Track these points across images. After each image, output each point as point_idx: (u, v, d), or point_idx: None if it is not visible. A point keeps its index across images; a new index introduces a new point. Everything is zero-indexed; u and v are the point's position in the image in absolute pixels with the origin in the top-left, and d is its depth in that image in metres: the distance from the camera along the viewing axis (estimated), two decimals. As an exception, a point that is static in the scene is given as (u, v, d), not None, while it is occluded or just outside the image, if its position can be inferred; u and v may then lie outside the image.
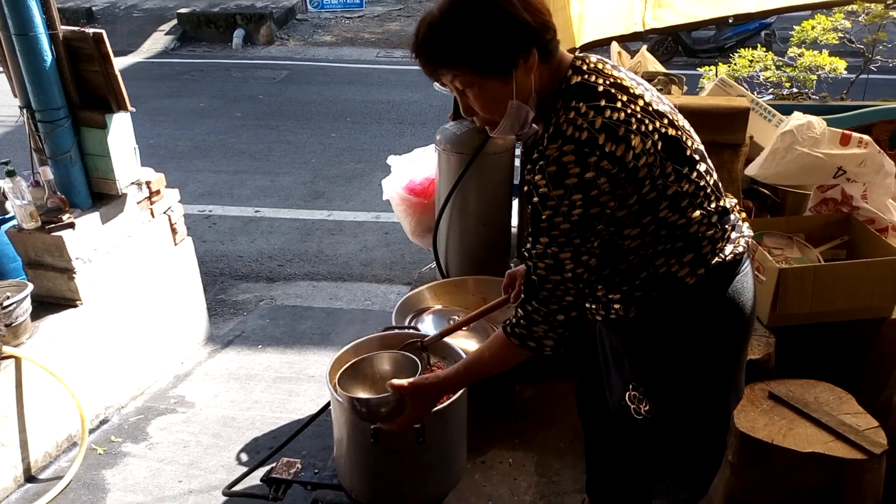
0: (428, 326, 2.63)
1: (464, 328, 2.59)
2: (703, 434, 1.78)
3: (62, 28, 2.58)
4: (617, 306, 1.51)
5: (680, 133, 1.43)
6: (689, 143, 1.45)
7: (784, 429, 1.92)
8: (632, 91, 1.39)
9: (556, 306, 1.38)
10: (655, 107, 1.41)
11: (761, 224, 2.54)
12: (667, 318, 1.50)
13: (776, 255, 2.38)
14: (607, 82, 1.37)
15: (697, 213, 1.44)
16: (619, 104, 1.34)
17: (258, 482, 2.31)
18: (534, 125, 1.47)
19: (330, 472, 2.14)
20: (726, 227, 1.50)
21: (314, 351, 3.47)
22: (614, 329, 1.61)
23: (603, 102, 1.33)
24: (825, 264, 2.32)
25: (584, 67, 1.39)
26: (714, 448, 1.97)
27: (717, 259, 1.47)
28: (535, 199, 1.32)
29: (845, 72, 4.07)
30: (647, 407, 1.56)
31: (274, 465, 2.21)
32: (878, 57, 4.33)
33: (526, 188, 1.37)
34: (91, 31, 2.57)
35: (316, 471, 2.16)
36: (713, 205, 1.48)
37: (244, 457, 2.74)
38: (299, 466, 2.16)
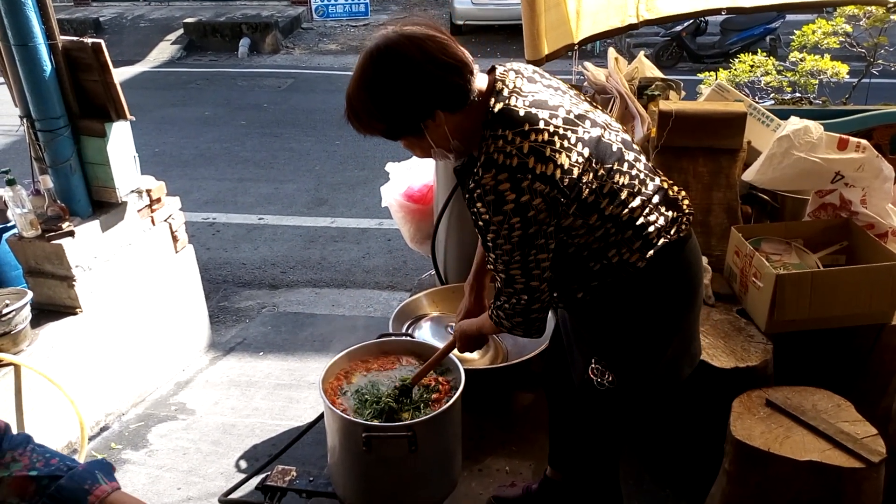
0: (425, 333, 2.63)
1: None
2: (660, 401, 1.91)
3: (61, 38, 2.60)
4: (579, 295, 1.64)
5: (602, 130, 1.55)
6: (613, 137, 1.57)
7: (781, 437, 1.90)
8: (551, 104, 1.51)
9: (508, 308, 1.59)
10: (575, 112, 1.53)
11: (759, 229, 2.52)
12: (623, 298, 1.62)
13: (774, 260, 2.36)
14: (527, 102, 1.49)
15: (637, 200, 1.56)
16: (541, 124, 1.46)
17: (255, 489, 2.31)
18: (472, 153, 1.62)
19: (325, 480, 2.13)
20: (668, 209, 1.62)
21: (315, 358, 3.47)
22: (574, 312, 1.73)
23: (527, 127, 1.45)
24: (824, 270, 2.30)
25: (505, 91, 1.51)
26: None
27: (663, 241, 1.59)
28: (480, 223, 1.49)
29: (847, 76, 4.05)
30: (610, 378, 1.68)
31: (269, 472, 2.21)
32: (881, 61, 4.30)
33: (471, 212, 1.52)
34: (90, 40, 2.59)
35: (311, 478, 2.15)
36: (650, 188, 1.60)
37: (243, 464, 2.74)
38: (294, 474, 2.16)
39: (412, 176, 3.24)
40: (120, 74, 2.71)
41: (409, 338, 2.33)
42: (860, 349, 2.33)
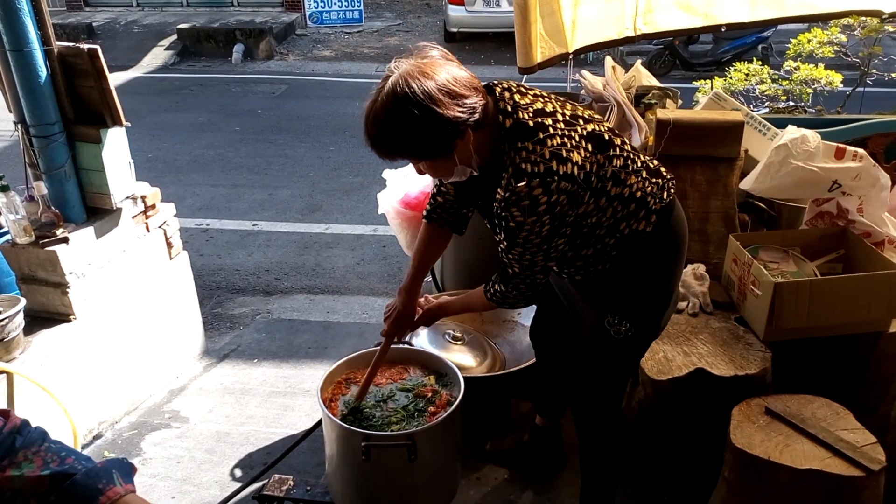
0: (422, 341, 2.62)
1: (459, 342, 2.59)
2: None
3: (57, 44, 2.58)
4: (599, 267, 1.82)
5: (594, 125, 1.72)
6: (602, 128, 1.74)
7: (781, 445, 1.90)
8: (548, 111, 1.67)
9: (524, 287, 1.77)
10: (568, 114, 1.69)
11: (757, 238, 2.53)
12: (634, 259, 1.80)
13: (772, 268, 2.37)
14: (530, 113, 1.64)
15: (633, 178, 1.74)
16: (550, 130, 1.63)
17: (251, 499, 2.28)
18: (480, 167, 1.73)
19: (322, 489, 2.11)
20: (658, 178, 1.81)
21: (310, 365, 3.45)
22: (587, 280, 1.87)
23: (541, 135, 1.61)
24: (821, 278, 2.30)
25: (509, 108, 1.65)
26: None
27: (660, 205, 1.78)
28: (512, 224, 1.62)
29: (841, 85, 4.08)
30: (627, 326, 1.84)
31: (266, 481, 2.19)
32: (874, 70, 4.33)
33: (499, 216, 1.64)
34: (86, 46, 2.57)
35: (308, 487, 2.13)
36: (638, 164, 1.78)
37: (238, 472, 2.71)
38: (291, 483, 2.14)
39: (409, 183, 3.23)
40: (113, 80, 2.68)
41: (407, 345, 2.32)
42: (858, 357, 2.33)
